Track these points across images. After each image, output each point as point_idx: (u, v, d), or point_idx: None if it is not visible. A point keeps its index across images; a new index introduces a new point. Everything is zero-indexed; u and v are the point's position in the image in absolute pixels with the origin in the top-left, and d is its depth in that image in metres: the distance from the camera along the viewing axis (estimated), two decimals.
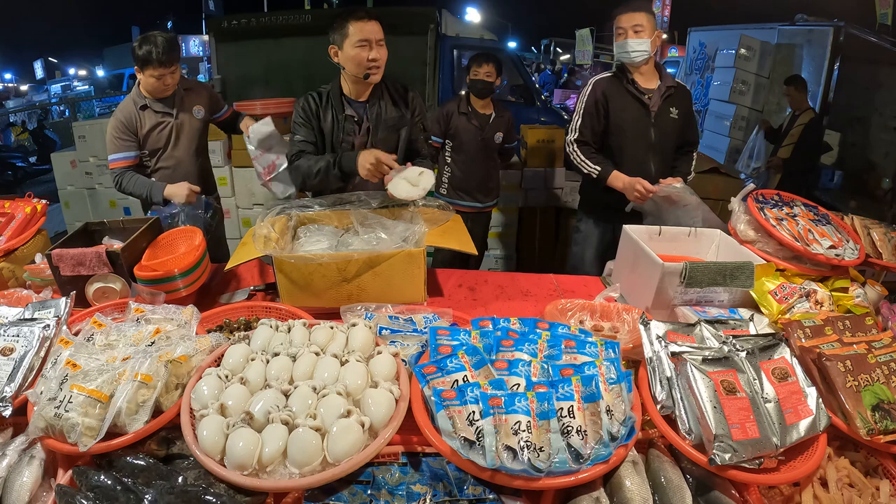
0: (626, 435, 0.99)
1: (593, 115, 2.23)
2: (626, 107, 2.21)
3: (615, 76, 2.26)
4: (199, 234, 1.72)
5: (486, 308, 1.72)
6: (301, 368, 1.13)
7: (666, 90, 2.22)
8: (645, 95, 2.20)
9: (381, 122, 1.94)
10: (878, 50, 5.21)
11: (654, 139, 2.23)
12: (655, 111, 2.21)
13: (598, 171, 2.20)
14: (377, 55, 1.81)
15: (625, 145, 2.24)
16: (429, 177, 1.73)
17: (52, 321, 1.28)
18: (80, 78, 18.26)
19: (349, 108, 1.92)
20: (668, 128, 2.25)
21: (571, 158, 2.28)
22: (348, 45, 1.80)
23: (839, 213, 1.84)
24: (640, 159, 2.23)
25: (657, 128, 2.23)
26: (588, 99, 2.24)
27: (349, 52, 1.80)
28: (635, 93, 2.20)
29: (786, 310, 1.42)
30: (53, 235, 2.36)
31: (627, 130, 2.23)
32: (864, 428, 1.07)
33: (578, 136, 2.26)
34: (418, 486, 0.98)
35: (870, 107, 5.45)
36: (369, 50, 1.79)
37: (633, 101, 2.21)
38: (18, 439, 1.07)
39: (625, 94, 2.21)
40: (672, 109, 2.24)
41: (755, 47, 5.98)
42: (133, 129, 2.28)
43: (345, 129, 1.91)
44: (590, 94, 2.25)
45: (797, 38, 5.65)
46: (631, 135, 2.23)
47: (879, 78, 5.31)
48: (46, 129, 8.61)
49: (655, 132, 2.23)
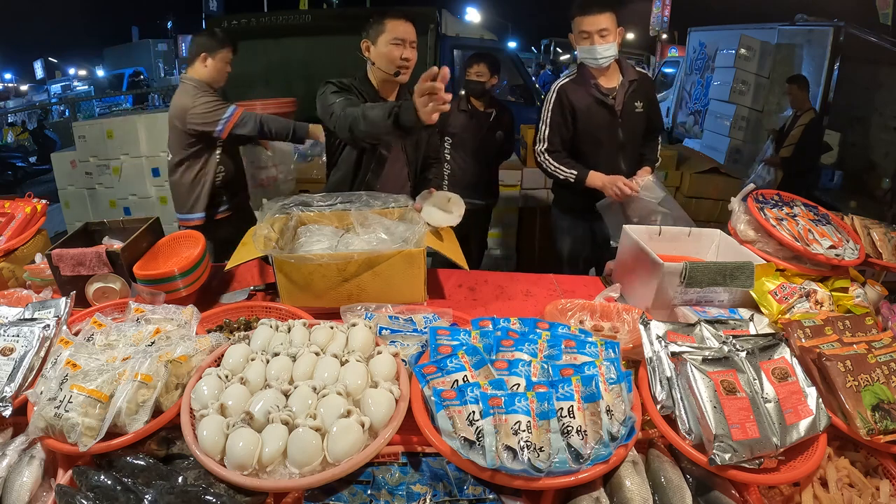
0: (626, 435, 0.99)
1: (560, 125, 2.21)
2: (592, 111, 2.19)
3: (576, 80, 2.21)
4: (201, 240, 1.72)
5: (486, 308, 1.72)
6: (301, 368, 1.13)
7: (629, 85, 2.19)
8: (609, 96, 2.18)
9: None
10: (878, 50, 5.21)
11: (622, 138, 2.23)
12: (621, 109, 2.20)
13: (575, 174, 2.19)
14: (409, 55, 1.83)
15: (595, 149, 2.23)
16: (459, 202, 1.73)
17: (52, 321, 1.28)
18: (80, 78, 18.29)
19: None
20: (635, 123, 2.25)
21: (544, 167, 2.26)
22: (382, 42, 1.81)
23: (839, 213, 1.84)
24: (611, 160, 2.23)
25: (624, 126, 2.22)
26: (554, 108, 2.22)
27: (382, 49, 1.82)
28: (599, 95, 2.17)
29: (786, 310, 1.42)
30: (53, 235, 2.36)
31: (596, 134, 2.22)
32: (864, 428, 1.07)
33: (548, 147, 2.24)
34: (418, 486, 0.98)
35: (870, 107, 5.45)
36: (403, 49, 1.81)
37: (597, 104, 2.19)
38: (18, 439, 1.07)
39: (588, 99, 2.19)
40: (637, 104, 2.23)
41: (755, 47, 5.99)
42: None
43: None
44: (555, 101, 2.22)
45: (797, 38, 5.66)
46: (600, 138, 2.23)
47: (879, 78, 5.32)
48: (46, 129, 8.63)
49: (623, 131, 2.22)
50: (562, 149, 2.25)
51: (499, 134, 3.13)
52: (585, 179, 2.17)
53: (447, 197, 1.71)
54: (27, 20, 21.23)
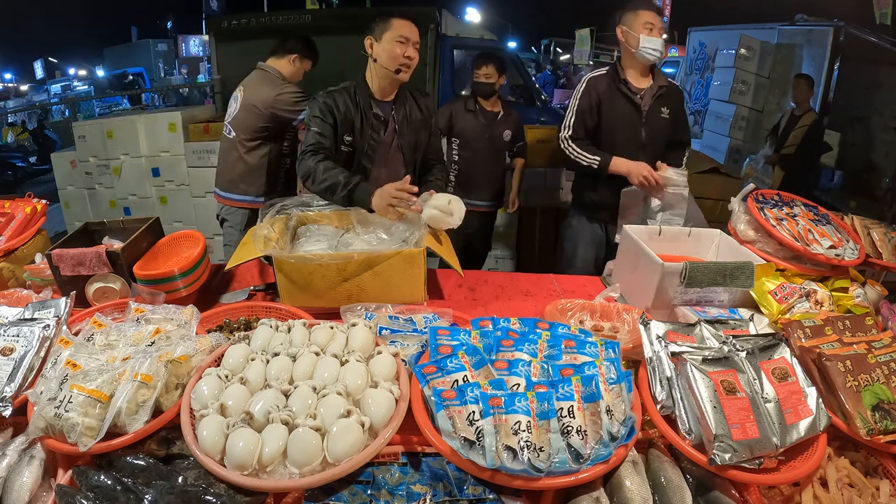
0: (626, 435, 0.99)
1: (586, 112, 2.26)
2: (618, 106, 2.25)
3: (608, 75, 2.28)
4: (201, 240, 1.72)
5: (486, 308, 1.72)
6: (301, 368, 1.13)
7: (658, 90, 2.25)
8: (636, 95, 2.24)
9: (407, 123, 1.98)
10: (878, 50, 5.21)
11: (644, 138, 2.26)
12: (646, 110, 2.24)
13: (598, 160, 2.22)
14: (412, 54, 1.86)
15: (615, 143, 2.26)
16: (459, 203, 1.73)
17: (52, 321, 1.28)
18: (80, 78, 18.28)
19: (377, 108, 1.94)
20: (659, 127, 2.29)
21: (567, 153, 2.30)
22: (387, 39, 1.84)
23: (839, 213, 1.84)
24: (630, 157, 2.24)
25: (648, 127, 2.26)
26: (582, 97, 2.28)
27: (386, 45, 1.84)
28: (627, 92, 2.23)
29: (786, 310, 1.42)
30: (53, 235, 2.36)
31: (618, 129, 2.26)
32: (864, 428, 1.07)
33: (572, 133, 2.28)
34: (418, 486, 0.98)
35: (870, 107, 5.45)
36: (406, 47, 1.84)
37: (624, 100, 2.24)
38: (18, 439, 1.07)
39: (616, 93, 2.24)
40: (663, 109, 2.28)
41: (755, 47, 5.98)
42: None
43: (373, 126, 1.93)
44: (584, 91, 2.28)
45: (797, 38, 5.65)
46: (621, 133, 2.26)
47: (879, 78, 5.31)
48: (46, 129, 8.63)
49: (646, 131, 2.26)
50: (584, 137, 2.28)
51: (507, 133, 3.12)
52: (609, 165, 2.19)
53: (447, 199, 1.72)
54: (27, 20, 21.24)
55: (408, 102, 1.98)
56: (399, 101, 1.96)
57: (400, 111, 1.96)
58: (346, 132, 1.90)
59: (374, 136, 1.93)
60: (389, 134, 1.97)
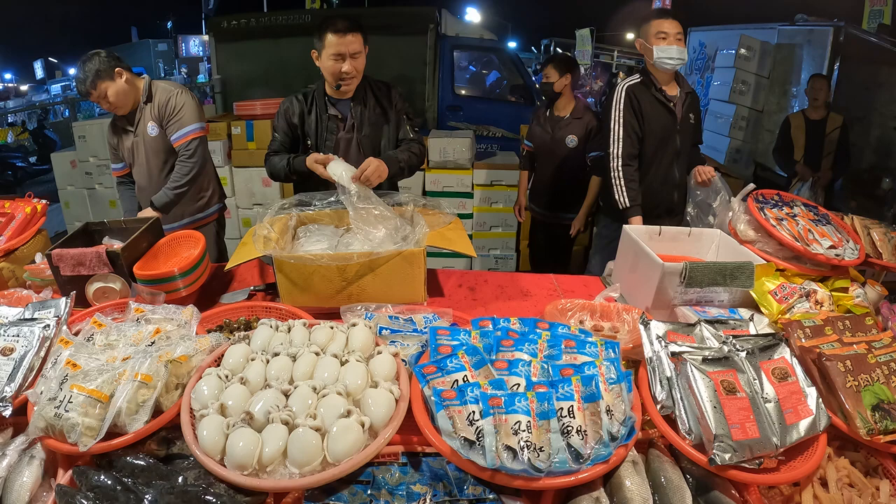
0: (626, 435, 0.99)
1: (632, 124, 2.18)
2: (657, 115, 2.20)
3: (644, 83, 2.22)
4: (201, 240, 1.72)
5: (486, 308, 1.72)
6: (301, 368, 1.13)
7: (686, 97, 2.24)
8: (671, 103, 2.21)
9: (365, 119, 2.01)
10: (878, 50, 5.21)
11: (679, 146, 2.24)
12: (680, 118, 2.22)
13: (629, 207, 2.15)
14: (349, 69, 1.89)
15: (654, 154, 2.24)
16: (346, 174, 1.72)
17: (52, 321, 1.28)
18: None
19: (332, 108, 2.00)
20: (689, 133, 2.28)
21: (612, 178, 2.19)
22: (325, 56, 1.89)
23: (839, 213, 1.84)
24: (666, 166, 2.24)
25: (681, 135, 2.24)
26: (625, 107, 2.18)
27: (325, 62, 1.91)
28: (664, 101, 2.20)
29: (786, 310, 1.42)
30: (53, 235, 2.36)
31: (657, 139, 2.23)
32: (864, 428, 1.07)
33: (623, 163, 2.17)
34: (418, 486, 0.98)
35: (870, 107, 5.44)
36: (342, 63, 1.88)
37: (662, 109, 2.20)
38: (18, 439, 1.07)
39: (654, 103, 2.20)
40: (691, 115, 2.27)
41: (755, 47, 5.98)
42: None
43: (328, 128, 2.00)
44: (625, 101, 2.19)
45: (797, 38, 5.65)
46: (661, 143, 2.23)
47: (879, 78, 5.30)
48: (46, 129, 8.62)
49: (680, 139, 2.24)
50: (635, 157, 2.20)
51: (570, 138, 2.87)
52: (630, 218, 2.13)
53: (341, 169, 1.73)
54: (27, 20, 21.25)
55: (367, 98, 2.01)
56: (358, 98, 2.00)
57: (358, 108, 2.00)
58: (304, 134, 2.02)
59: (331, 136, 2.00)
60: (348, 131, 2.01)
